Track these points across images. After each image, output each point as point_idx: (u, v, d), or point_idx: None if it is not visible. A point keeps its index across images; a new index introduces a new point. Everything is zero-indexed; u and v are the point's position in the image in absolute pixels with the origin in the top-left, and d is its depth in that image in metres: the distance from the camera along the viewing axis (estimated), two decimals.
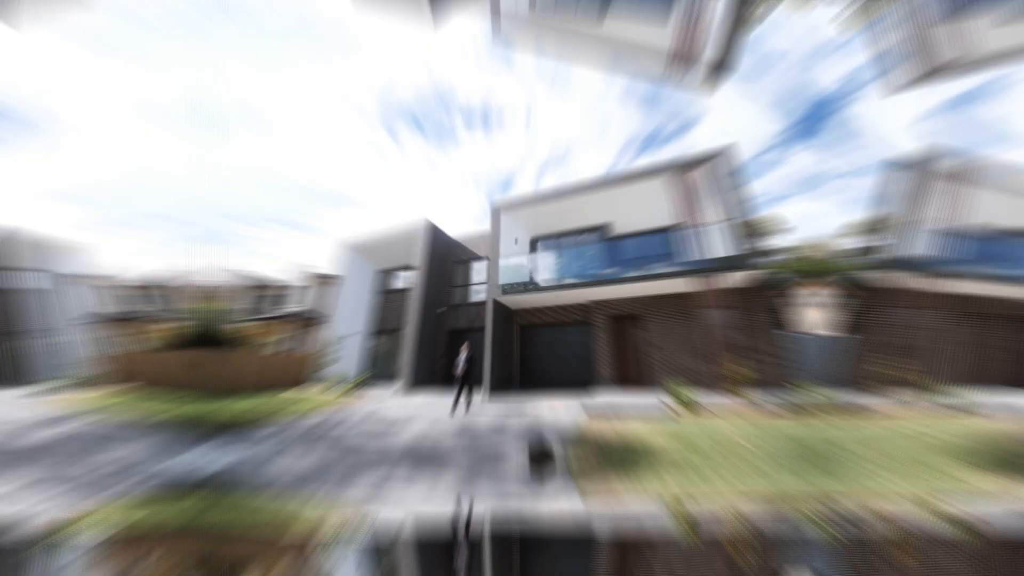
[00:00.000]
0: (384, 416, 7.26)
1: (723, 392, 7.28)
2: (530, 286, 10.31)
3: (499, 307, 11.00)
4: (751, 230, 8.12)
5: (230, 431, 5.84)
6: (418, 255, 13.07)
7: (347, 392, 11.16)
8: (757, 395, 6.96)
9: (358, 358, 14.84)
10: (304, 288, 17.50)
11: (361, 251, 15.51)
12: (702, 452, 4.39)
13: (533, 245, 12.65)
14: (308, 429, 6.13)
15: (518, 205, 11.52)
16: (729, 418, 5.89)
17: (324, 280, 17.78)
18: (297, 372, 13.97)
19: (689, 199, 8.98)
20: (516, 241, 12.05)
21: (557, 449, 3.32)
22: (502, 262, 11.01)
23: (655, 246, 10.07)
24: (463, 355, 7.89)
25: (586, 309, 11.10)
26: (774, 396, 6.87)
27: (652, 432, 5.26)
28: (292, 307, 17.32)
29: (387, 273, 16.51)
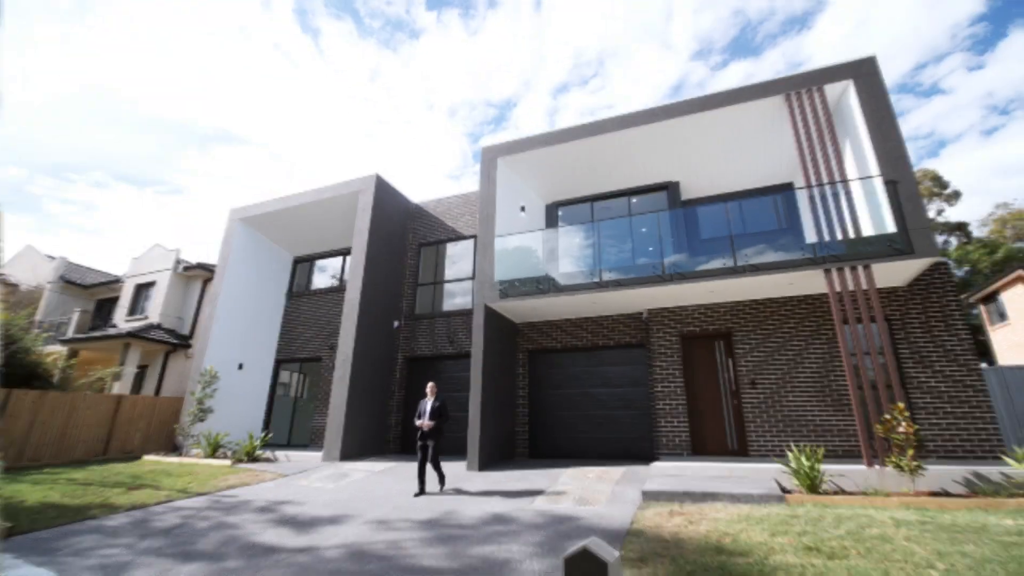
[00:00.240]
0: (301, 506, 6.28)
1: (873, 462, 6.56)
2: (545, 284, 9.49)
3: (494, 319, 10.14)
4: (921, 193, 7.48)
5: (34, 530, 4.76)
6: (359, 233, 12.14)
7: (237, 461, 10.14)
8: (934, 468, 6.29)
9: (255, 405, 13.78)
10: (163, 288, 16.33)
11: (263, 226, 14.48)
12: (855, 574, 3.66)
13: (551, 216, 11.86)
14: (168, 530, 5.12)
15: (525, 148, 10.70)
16: (891, 509, 5.21)
17: (197, 273, 16.66)
18: (151, 427, 12.86)
19: (819, 138, 8.32)
20: (523, 209, 11.23)
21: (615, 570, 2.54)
22: (499, 243, 10.17)
23: (756, 219, 9.42)
24: (428, 402, 7.39)
25: (639, 323, 10.35)
26: (966, 471, 6.20)
27: (765, 535, 4.54)
28: (141, 320, 16.14)
29: (306, 263, 15.54)
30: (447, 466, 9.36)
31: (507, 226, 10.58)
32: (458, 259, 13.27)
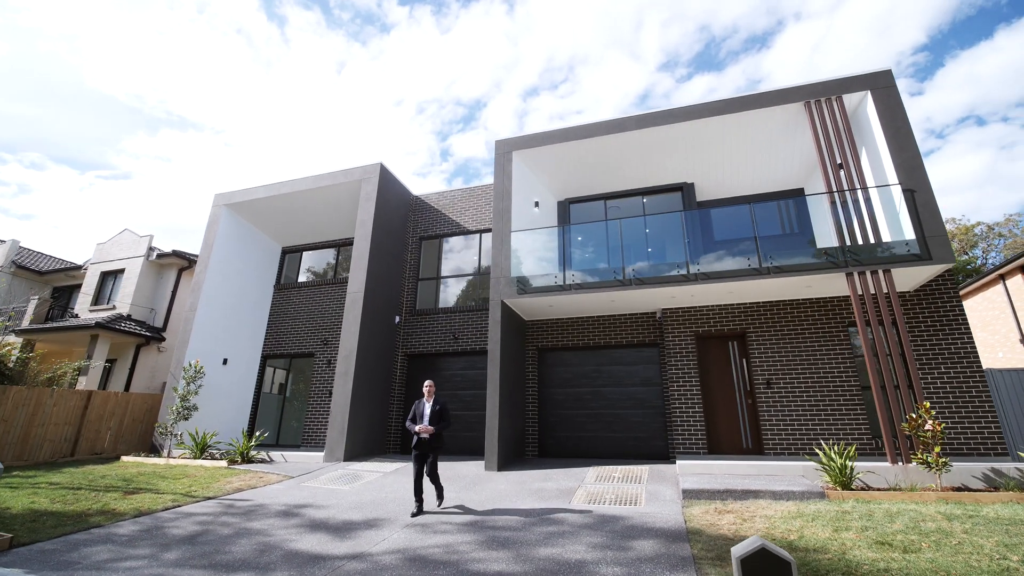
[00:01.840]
0: (325, 510, 5.84)
1: (897, 459, 6.80)
2: (564, 281, 9.34)
3: (508, 316, 9.92)
4: (931, 201, 7.80)
5: (36, 541, 4.12)
6: (362, 224, 11.62)
7: (231, 462, 9.46)
8: (954, 464, 6.55)
9: (240, 403, 12.97)
10: (134, 276, 15.15)
11: (251, 213, 13.66)
12: (945, 570, 3.70)
13: (563, 213, 11.74)
14: (189, 538, 4.56)
15: (540, 143, 10.52)
16: (930, 504, 5.38)
17: (171, 261, 15.56)
18: (123, 425, 11.89)
19: (839, 145, 8.55)
20: (537, 205, 11.06)
21: None
22: (515, 239, 9.96)
23: (768, 222, 9.63)
24: (426, 404, 6.32)
25: (652, 323, 10.38)
26: (985, 467, 6.50)
27: (828, 531, 4.55)
28: (108, 310, 14.91)
29: (295, 254, 14.80)
30: (459, 466, 9.08)
31: (520, 222, 10.37)
32: (462, 254, 12.95)
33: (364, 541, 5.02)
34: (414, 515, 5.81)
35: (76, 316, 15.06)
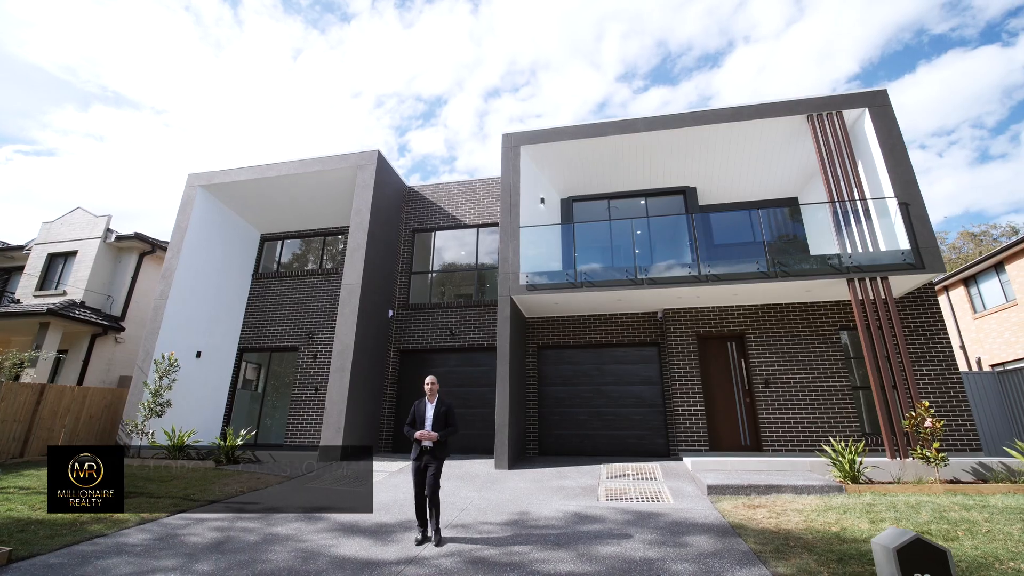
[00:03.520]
0: (347, 512, 5.49)
1: (895, 454, 7.27)
2: (574, 279, 9.31)
3: (515, 314, 9.79)
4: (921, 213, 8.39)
5: (37, 554, 3.50)
6: (359, 212, 11.09)
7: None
8: (945, 458, 7.05)
9: (214, 398, 12.07)
10: (88, 260, 13.78)
11: (229, 196, 12.74)
12: (993, 556, 3.94)
13: (566, 210, 11.71)
14: (214, 546, 4.05)
15: (549, 139, 10.44)
16: (939, 495, 5.78)
17: (131, 245, 14.28)
18: (79, 423, 10.79)
19: (839, 158, 9.01)
20: (543, 201, 10.98)
21: None
22: (524, 235, 9.83)
23: (773, 227, 10.02)
24: (428, 405, 5.09)
25: (654, 322, 10.56)
26: (973, 462, 7.05)
27: (866, 523, 4.78)
28: (58, 296, 13.50)
29: (275, 241, 13.97)
30: (467, 465, 8.87)
31: (526, 218, 10.25)
32: (457, 248, 12.66)
33: (410, 544, 4.76)
34: (419, 543, 4.69)
35: (18, 301, 13.49)
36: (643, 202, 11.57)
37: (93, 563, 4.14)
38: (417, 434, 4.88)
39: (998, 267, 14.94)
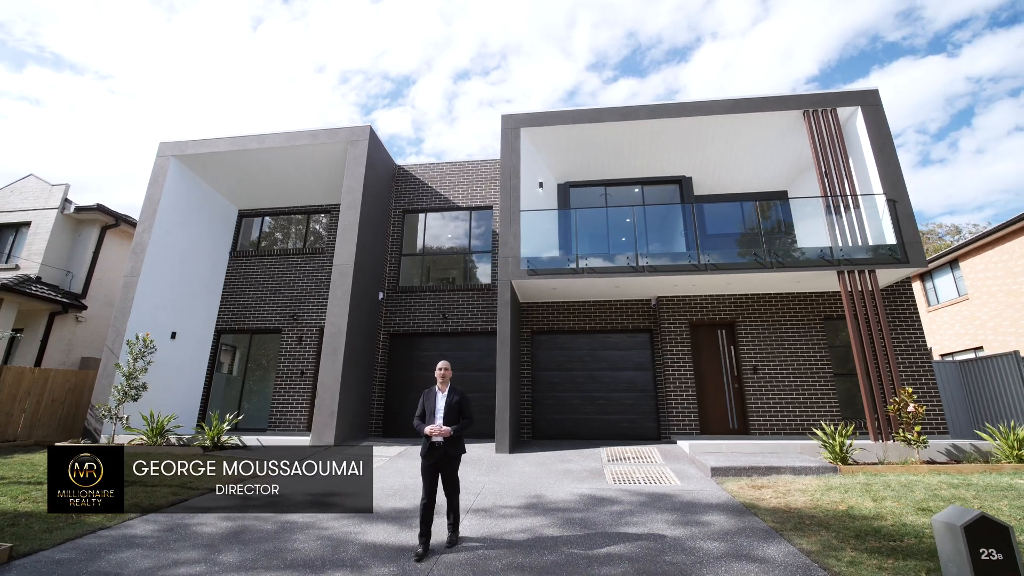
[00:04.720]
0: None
1: (878, 437, 7.73)
2: (575, 265, 9.30)
3: (513, 298, 9.71)
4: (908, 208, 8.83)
5: (38, 549, 3.17)
6: (350, 191, 10.64)
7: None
8: (928, 441, 7.55)
9: (190, 382, 11.47)
10: (43, 232, 12.69)
11: (204, 168, 11.95)
12: None
13: (563, 195, 11.63)
14: (230, 536, 3.81)
15: (549, 122, 10.28)
16: (926, 475, 6.20)
17: (93, 217, 13.25)
18: (41, 407, 10.05)
19: (832, 153, 9.31)
20: (541, 185, 10.86)
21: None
22: (524, 220, 9.71)
23: (771, 218, 10.29)
24: (439, 394, 4.51)
25: (647, 309, 10.72)
26: (946, 444, 7.60)
27: (870, 501, 5.05)
28: (10, 270, 12.41)
29: (255, 218, 13.28)
30: (467, 448, 8.78)
31: (525, 201, 10.13)
32: (449, 230, 12.41)
33: (438, 530, 4.68)
34: (419, 558, 3.93)
35: None
36: (638, 190, 11.64)
37: (104, 557, 3.86)
38: (427, 429, 4.30)
39: (952, 264, 15.98)
